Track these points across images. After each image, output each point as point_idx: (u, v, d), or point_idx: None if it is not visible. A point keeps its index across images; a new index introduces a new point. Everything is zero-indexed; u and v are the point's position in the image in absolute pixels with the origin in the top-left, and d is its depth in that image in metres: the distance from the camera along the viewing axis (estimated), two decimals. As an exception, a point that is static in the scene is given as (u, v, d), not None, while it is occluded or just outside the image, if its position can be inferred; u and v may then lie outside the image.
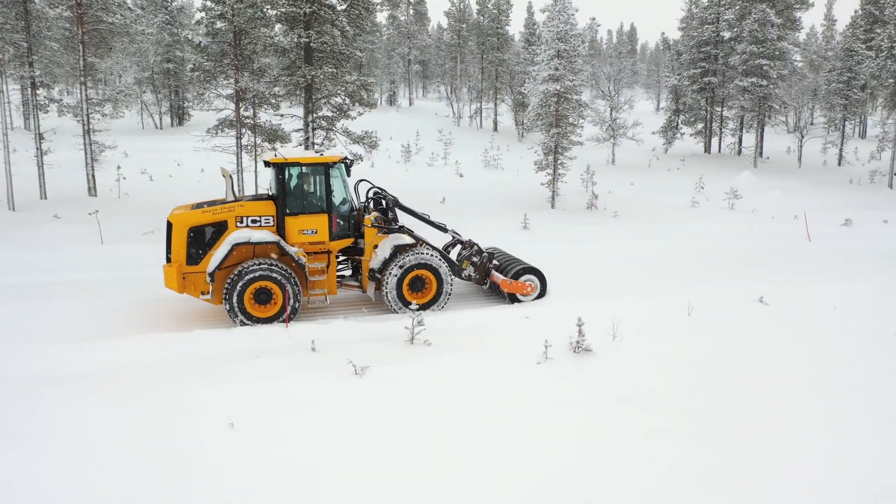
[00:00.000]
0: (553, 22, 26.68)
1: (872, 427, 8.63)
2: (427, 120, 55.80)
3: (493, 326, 12.47)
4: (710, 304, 13.63)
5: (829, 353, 11.17)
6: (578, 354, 10.79)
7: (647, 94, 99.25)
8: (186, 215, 13.03)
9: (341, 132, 24.15)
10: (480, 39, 57.28)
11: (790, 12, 43.72)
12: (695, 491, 7.15)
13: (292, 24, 22.81)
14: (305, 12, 22.12)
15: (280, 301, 12.83)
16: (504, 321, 12.84)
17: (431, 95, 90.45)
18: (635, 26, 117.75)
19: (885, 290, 14.96)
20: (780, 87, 41.44)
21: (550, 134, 27.07)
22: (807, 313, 13.23)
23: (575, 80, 26.90)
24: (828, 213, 26.28)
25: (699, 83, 46.46)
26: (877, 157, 45.31)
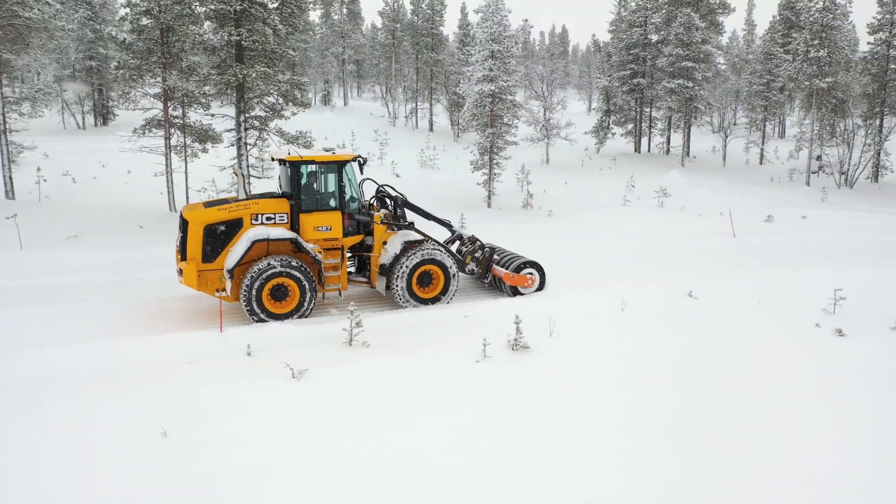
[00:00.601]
0: (487, 23, 26.92)
1: (788, 411, 9.03)
2: (362, 120, 55.41)
3: (433, 326, 12.50)
4: (643, 299, 14.01)
5: (753, 343, 11.63)
6: (517, 352, 10.92)
7: (579, 95, 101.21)
8: (203, 213, 13.05)
9: (275, 132, 23.72)
10: (415, 40, 57.24)
11: (713, 16, 45.31)
12: (601, 479, 7.32)
13: (222, 22, 22.26)
14: (236, 10, 21.63)
15: (296, 297, 13.02)
16: (443, 320, 12.88)
17: (366, 95, 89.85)
18: (567, 28, 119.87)
19: (806, 282, 15.67)
20: (705, 88, 42.88)
21: (486, 134, 27.30)
22: (733, 306, 13.75)
23: (509, 81, 27.21)
24: (751, 210, 27.36)
25: (629, 84, 47.66)
26: (795, 156, 47.45)
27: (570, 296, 14.70)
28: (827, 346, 11.61)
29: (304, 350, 10.85)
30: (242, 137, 23.27)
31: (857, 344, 11.70)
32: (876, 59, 39.33)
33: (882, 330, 12.41)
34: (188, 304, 14.10)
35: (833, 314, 13.14)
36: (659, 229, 23.58)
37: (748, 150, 49.39)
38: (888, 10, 38.64)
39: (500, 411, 8.89)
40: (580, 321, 12.61)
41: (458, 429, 8.38)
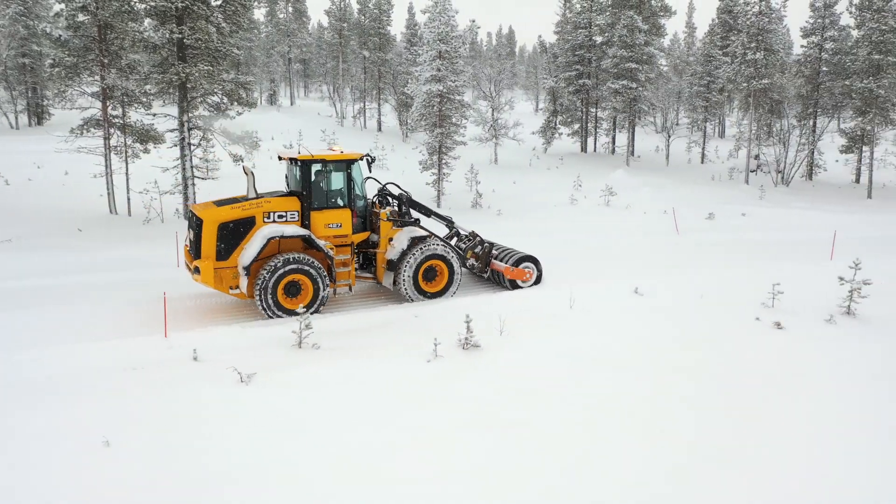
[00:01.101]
0: (434, 23, 26.98)
1: (733, 403, 9.31)
2: (310, 120, 54.83)
3: (384, 326, 12.45)
4: (591, 296, 14.24)
5: (697, 338, 11.94)
6: (468, 351, 10.96)
7: (526, 96, 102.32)
8: (217, 211, 13.20)
9: (219, 132, 23.26)
10: (362, 39, 56.91)
11: (655, 19, 46.32)
12: (560, 474, 7.43)
13: (163, 19, 21.71)
14: (177, 7, 21.12)
15: (309, 293, 13.33)
16: (394, 321, 12.85)
17: (314, 95, 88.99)
18: (513, 29, 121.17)
19: (746, 277, 16.17)
20: (648, 89, 43.83)
21: (434, 134, 27.36)
22: (677, 302, 14.09)
23: (457, 81, 27.33)
24: (693, 208, 28.09)
25: (574, 85, 48.36)
26: (734, 155, 48.89)
27: (521, 294, 14.86)
28: (766, 339, 12.01)
29: (252, 353, 10.68)
30: (186, 138, 22.75)
31: (795, 336, 12.13)
32: (809, 61, 40.83)
33: (817, 322, 12.89)
34: (132, 309, 13.71)
35: (772, 308, 13.58)
36: (605, 227, 24.01)
37: (690, 150, 50.67)
38: (819, 14, 40.17)
39: (450, 410, 8.91)
40: (530, 320, 12.73)
41: (407, 429, 8.37)
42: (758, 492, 7.22)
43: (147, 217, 22.21)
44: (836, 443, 8.33)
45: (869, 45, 35.87)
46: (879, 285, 13.94)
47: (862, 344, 11.92)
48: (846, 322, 13.02)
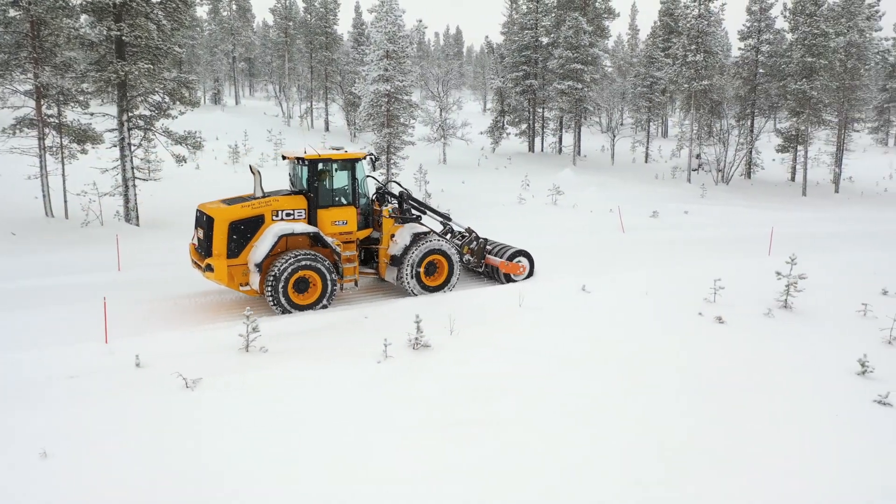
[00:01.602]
0: (381, 23, 26.86)
1: (670, 394, 9.55)
2: (255, 119, 53.95)
3: (334, 328, 12.34)
4: (539, 293, 14.40)
5: (643, 334, 12.20)
6: (418, 351, 10.95)
7: (474, 96, 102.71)
8: (228, 210, 13.37)
9: (161, 132, 22.66)
10: (308, 38, 56.21)
11: (599, 21, 47.09)
12: (514, 469, 7.50)
13: (100, 16, 21.01)
14: (115, 3, 20.48)
15: (318, 289, 13.66)
16: (344, 322, 12.74)
17: (259, 94, 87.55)
18: (461, 29, 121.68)
19: (689, 273, 16.58)
20: (593, 90, 44.53)
21: (382, 134, 27.24)
22: (623, 299, 14.36)
23: (405, 81, 27.27)
24: (638, 206, 28.66)
25: (521, 86, 48.79)
26: (677, 154, 50.07)
27: (470, 293, 14.92)
28: (709, 333, 12.35)
29: (198, 358, 10.43)
30: (126, 138, 22.08)
31: (735, 330, 12.51)
32: (746, 63, 42.12)
33: (757, 316, 13.32)
34: (70, 314, 13.22)
35: (714, 303, 13.97)
36: (553, 226, 24.28)
37: (634, 149, 51.73)
38: (755, 18, 41.47)
39: (401, 410, 8.88)
40: (481, 319, 12.80)
41: (356, 430, 8.31)
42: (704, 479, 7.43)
43: (86, 220, 21.47)
44: (774, 427, 8.64)
45: (802, 48, 37.20)
46: (814, 279, 14.50)
47: (796, 337, 12.36)
48: (783, 315, 13.50)
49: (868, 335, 12.41)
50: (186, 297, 14.69)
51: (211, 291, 15.00)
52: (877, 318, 13.14)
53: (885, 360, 11.12)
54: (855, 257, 19.18)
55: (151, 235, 20.73)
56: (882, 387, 9.93)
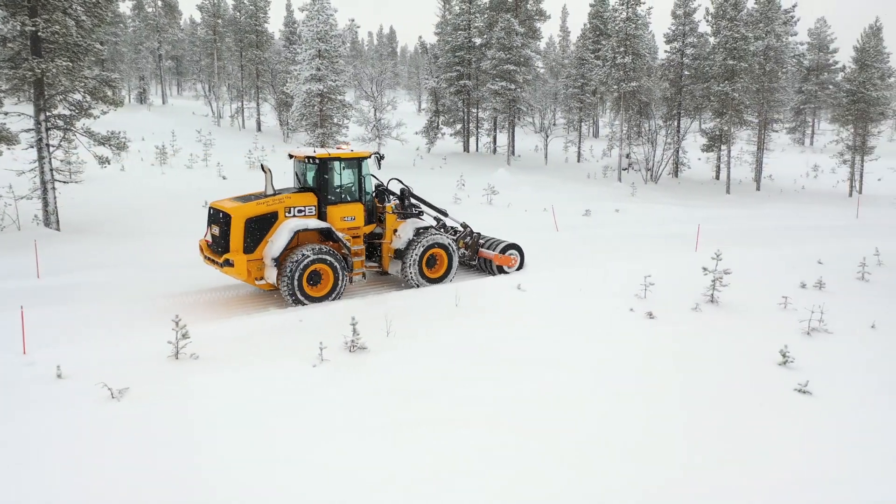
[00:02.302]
0: (313, 21, 26.51)
1: (604, 391, 9.75)
2: (184, 119, 52.44)
3: (269, 332, 12.06)
4: (476, 293, 14.49)
5: (576, 330, 12.41)
6: (354, 353, 10.84)
7: (408, 96, 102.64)
8: (244, 207, 13.88)
9: (83, 132, 21.72)
10: (238, 36, 54.97)
11: (531, 22, 47.78)
12: (451, 470, 7.52)
13: (14, 10, 19.95)
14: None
15: (330, 281, 14.22)
16: (279, 325, 12.47)
17: (188, 93, 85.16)
18: (394, 29, 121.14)
19: (620, 270, 16.98)
20: (526, 90, 45.14)
21: (316, 134, 26.91)
22: (558, 296, 14.58)
23: (338, 81, 27.01)
24: (571, 205, 29.17)
25: (456, 86, 49.01)
26: (608, 154, 51.28)
27: (407, 294, 14.87)
28: (639, 328, 12.66)
29: (125, 368, 10.02)
30: (44, 138, 21.08)
31: (665, 324, 12.88)
32: (672, 66, 43.48)
33: (685, 311, 13.75)
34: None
35: (644, 299, 14.34)
36: (488, 226, 24.36)
37: (567, 149, 52.69)
38: (680, 22, 42.85)
39: (337, 414, 8.77)
40: (418, 319, 12.77)
41: (291, 435, 8.16)
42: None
43: (1, 224, 20.42)
44: (697, 413, 8.93)
45: (724, 52, 38.63)
46: (738, 274, 15.05)
47: (722, 330, 12.81)
48: (710, 309, 13.97)
49: (788, 327, 12.97)
50: (112, 304, 14.12)
51: (140, 297, 14.47)
52: (796, 311, 13.74)
53: (805, 350, 11.63)
54: (775, 252, 20.03)
55: (74, 240, 19.85)
56: (802, 376, 10.38)
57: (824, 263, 18.08)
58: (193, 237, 17.19)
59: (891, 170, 50.92)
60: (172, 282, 15.87)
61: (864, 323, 13.44)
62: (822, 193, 42.04)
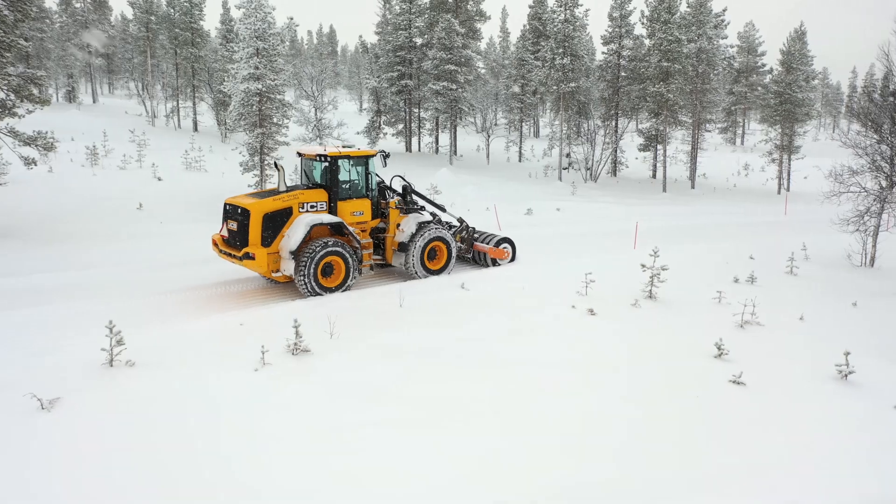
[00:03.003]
0: (250, 19, 25.99)
1: (544, 387, 9.89)
2: (116, 119, 50.75)
3: (205, 336, 11.77)
4: (418, 293, 14.47)
5: (519, 328, 12.53)
6: (297, 356, 10.67)
7: (350, 95, 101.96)
8: (262, 203, 14.55)
9: (7, 132, 20.79)
10: (172, 34, 53.49)
11: (472, 23, 48.06)
12: (401, 473, 7.50)
13: (-70, 4, 19.00)
14: (-53, -10, 18.58)
15: (342, 273, 15.01)
16: (219, 329, 12.18)
17: (120, 92, 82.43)
18: (335, 28, 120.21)
19: (561, 268, 17.24)
20: (467, 91, 45.38)
21: (255, 134, 26.40)
22: (500, 295, 14.70)
23: (277, 80, 26.55)
24: (513, 204, 29.48)
25: (397, 86, 48.89)
26: (549, 153, 52.03)
27: (351, 295, 14.75)
28: (581, 325, 12.88)
29: (56, 377, 9.61)
30: (-35, 138, 20.10)
31: (605, 320, 13.13)
32: (609, 67, 44.41)
33: (625, 307, 14.04)
34: None
35: (585, 296, 14.59)
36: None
37: (508, 149, 53.19)
38: (616, 24, 43.80)
39: (281, 418, 8.62)
40: (362, 320, 12.67)
41: (232, 441, 7.99)
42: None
43: (-82, 230, 19.41)
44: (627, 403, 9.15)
45: (659, 54, 39.67)
46: (675, 270, 15.46)
47: (660, 325, 13.15)
48: (649, 305, 14.31)
49: (723, 320, 13.40)
50: (39, 310, 13.54)
51: (73, 302, 13.92)
52: (730, 304, 14.21)
53: (738, 342, 12.03)
54: (710, 248, 20.67)
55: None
56: (736, 368, 10.73)
57: (756, 258, 18.74)
58: (129, 241, 16.70)
59: (816, 168, 53.06)
60: (106, 287, 15.35)
61: (793, 315, 13.99)
62: (753, 191, 43.63)
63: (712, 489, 7.54)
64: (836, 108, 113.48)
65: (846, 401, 10.16)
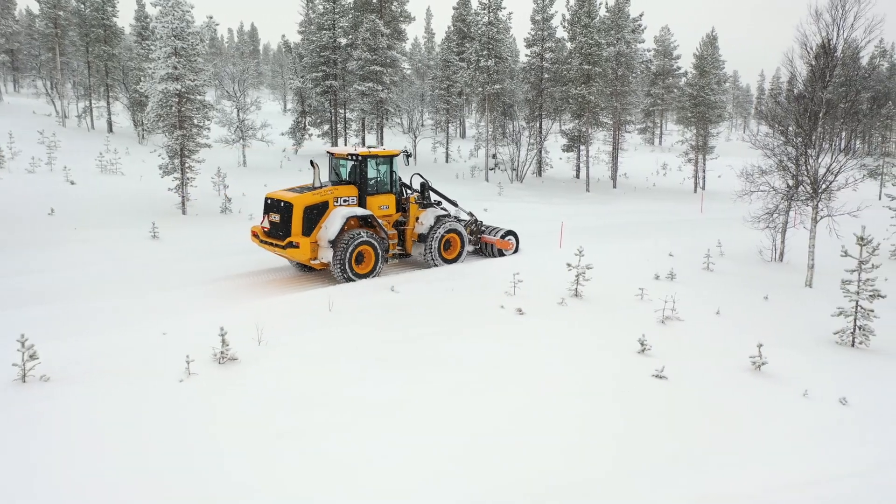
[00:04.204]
0: (167, 18, 25.13)
1: (480, 385, 10.01)
2: (22, 119, 48.09)
3: (126, 348, 11.32)
4: (347, 296, 14.36)
5: (448, 329, 12.62)
6: (224, 365, 10.42)
7: (273, 95, 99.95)
8: (303, 197, 16.18)
9: None
10: (84, 30, 51.03)
11: (396, 24, 47.93)
12: (332, 477, 7.46)
13: None
14: None
15: (372, 260, 16.56)
16: (140, 341, 11.74)
17: (26, 91, 78.17)
18: (256, 26, 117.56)
19: (490, 268, 17.44)
20: (393, 92, 45.26)
21: (175, 136, 25.55)
22: (429, 297, 14.75)
23: (197, 80, 25.78)
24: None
25: (322, 86, 48.23)
26: (475, 154, 52.46)
27: (279, 299, 14.50)
28: (509, 324, 13.08)
29: (-40, 395, 9.08)
30: None
31: (533, 318, 13.38)
32: (533, 69, 45.15)
33: (552, 305, 14.35)
34: None
35: (514, 296, 14.82)
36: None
37: (435, 150, 53.34)
38: (539, 27, 44.57)
39: (209, 430, 8.40)
40: (290, 324, 12.48)
41: (160, 455, 7.73)
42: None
43: None
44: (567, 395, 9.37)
45: (580, 57, 40.62)
46: (599, 268, 15.89)
47: (586, 322, 13.50)
48: (575, 303, 14.67)
49: (645, 316, 13.87)
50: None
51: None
52: (651, 301, 14.72)
53: (660, 338, 12.49)
54: (632, 246, 21.35)
55: None
56: (658, 362, 11.14)
57: (675, 256, 19.47)
58: (39, 249, 15.81)
59: (729, 167, 55.52)
60: (15, 297, 14.58)
61: (710, 310, 14.63)
62: (671, 190, 45.28)
63: (646, 480, 7.81)
64: (747, 109, 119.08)
65: (761, 390, 10.71)
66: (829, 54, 18.74)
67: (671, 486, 7.72)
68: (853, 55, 20.16)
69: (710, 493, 7.65)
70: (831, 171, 18.00)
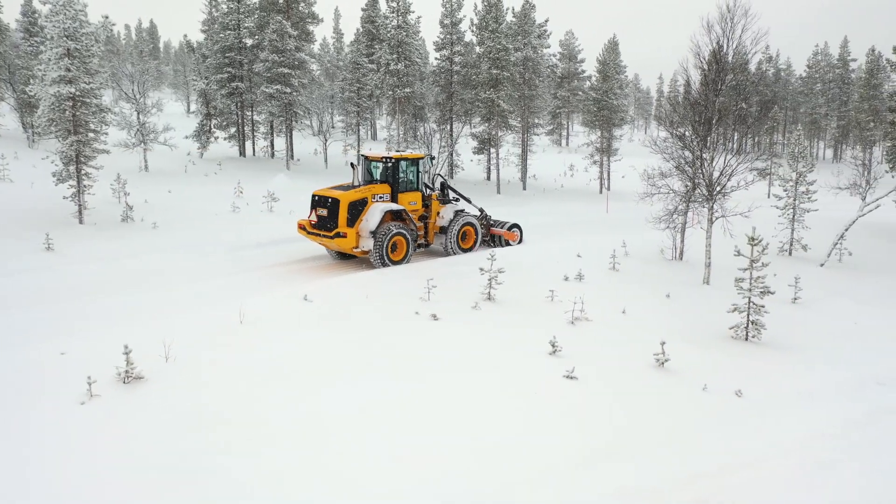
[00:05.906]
0: (58, 17, 23.77)
1: (399, 390, 10.07)
2: None
3: (20, 368, 10.68)
4: (260, 308, 14.03)
5: (364, 337, 12.59)
6: (129, 384, 10.03)
7: (175, 96, 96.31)
8: (348, 194, 18.59)
9: None
10: (-36, 26, 47.71)
11: (304, 25, 47.20)
12: (251, 493, 7.35)
13: None
14: None
15: (404, 250, 18.97)
16: (35, 360, 11.07)
17: None
18: (155, 24, 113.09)
19: (403, 273, 17.49)
20: (302, 94, 44.56)
21: (69, 142, 24.22)
22: (344, 304, 14.65)
23: (92, 83, 24.53)
24: (354, 210, 29.31)
25: (228, 88, 46.87)
26: (387, 157, 52.35)
27: (188, 316, 13.99)
28: (425, 329, 13.19)
29: None
30: None
31: (448, 324, 13.54)
32: (442, 72, 45.54)
33: (466, 310, 14.56)
34: None
35: (428, 301, 14.93)
36: (270, 236, 23.74)
37: (347, 152, 52.87)
38: (448, 31, 45.00)
39: (114, 458, 8.07)
40: (200, 339, 12.11)
41: (59, 489, 7.38)
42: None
43: None
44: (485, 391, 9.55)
45: (489, 61, 41.29)
46: (510, 271, 16.24)
47: (499, 325, 13.77)
48: (488, 306, 14.94)
49: (556, 318, 14.28)
50: None
51: None
52: (561, 302, 15.17)
53: (570, 339, 12.89)
54: (541, 247, 21.89)
55: None
56: (569, 363, 11.50)
57: (583, 256, 20.11)
58: None
59: (632, 168, 57.77)
60: None
61: (616, 309, 15.21)
62: (578, 191, 46.68)
63: (561, 477, 8.06)
64: (647, 110, 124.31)
65: (665, 386, 11.25)
66: (720, 62, 19.83)
67: (582, 483, 8.01)
68: (742, 63, 21.40)
69: (624, 485, 7.99)
70: (724, 174, 19.08)
